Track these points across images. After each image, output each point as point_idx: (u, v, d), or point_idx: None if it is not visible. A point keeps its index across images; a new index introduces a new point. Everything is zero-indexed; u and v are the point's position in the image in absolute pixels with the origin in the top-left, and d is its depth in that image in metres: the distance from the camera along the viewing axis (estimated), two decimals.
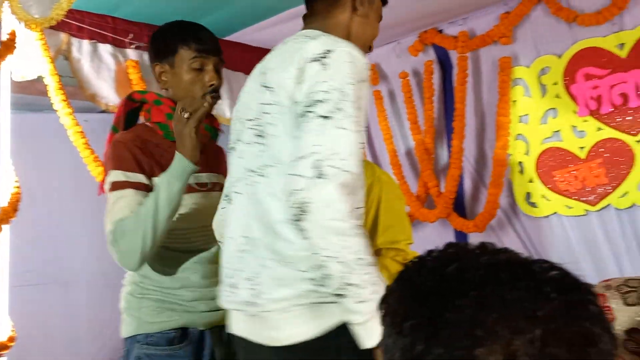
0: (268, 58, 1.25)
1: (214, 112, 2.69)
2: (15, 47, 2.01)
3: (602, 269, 2.42)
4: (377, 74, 3.18)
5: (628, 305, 2.14)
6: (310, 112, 1.08)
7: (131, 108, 1.60)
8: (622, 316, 2.06)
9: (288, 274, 1.11)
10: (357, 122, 1.08)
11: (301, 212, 1.02)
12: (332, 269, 1.02)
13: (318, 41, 1.14)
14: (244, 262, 1.19)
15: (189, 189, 1.50)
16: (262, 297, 1.13)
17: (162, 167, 1.46)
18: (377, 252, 1.65)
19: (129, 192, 1.43)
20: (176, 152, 1.42)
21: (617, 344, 0.47)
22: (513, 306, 0.46)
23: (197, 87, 1.51)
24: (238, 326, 1.24)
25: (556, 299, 0.46)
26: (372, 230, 1.69)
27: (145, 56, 2.59)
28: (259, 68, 1.27)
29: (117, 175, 1.45)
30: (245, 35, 2.84)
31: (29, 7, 1.53)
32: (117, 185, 1.44)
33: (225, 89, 2.87)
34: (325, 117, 1.06)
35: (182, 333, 1.49)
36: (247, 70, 3.07)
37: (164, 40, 1.56)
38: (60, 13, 1.43)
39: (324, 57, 1.11)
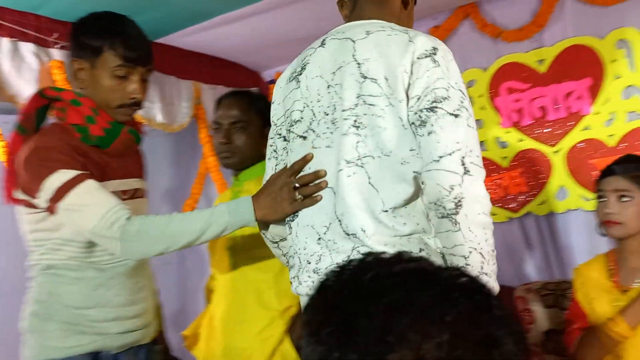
0: (355, 47, 1.21)
1: (143, 116, 2.62)
2: None
3: (523, 273, 2.55)
4: None
5: (547, 307, 2.26)
6: (438, 108, 1.13)
7: (41, 105, 1.43)
8: (541, 318, 2.18)
9: None
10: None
11: (456, 206, 1.09)
12: (474, 259, 1.10)
13: (424, 37, 1.19)
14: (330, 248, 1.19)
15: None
16: None
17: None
18: None
19: (91, 182, 1.30)
20: (251, 198, 1.30)
21: (525, 346, 0.49)
22: (422, 312, 0.47)
23: (117, 95, 1.39)
24: None
25: (463, 304, 0.48)
26: None
27: None
28: (342, 56, 1.22)
29: (64, 174, 1.28)
30: (178, 38, 2.78)
31: None
32: (72, 183, 1.28)
33: (156, 92, 2.80)
34: (455, 115, 1.13)
35: (93, 358, 1.36)
36: (179, 74, 3.02)
37: (89, 36, 1.40)
38: None
39: (434, 54, 1.16)
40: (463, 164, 1.10)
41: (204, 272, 3.26)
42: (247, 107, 1.88)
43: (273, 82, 3.39)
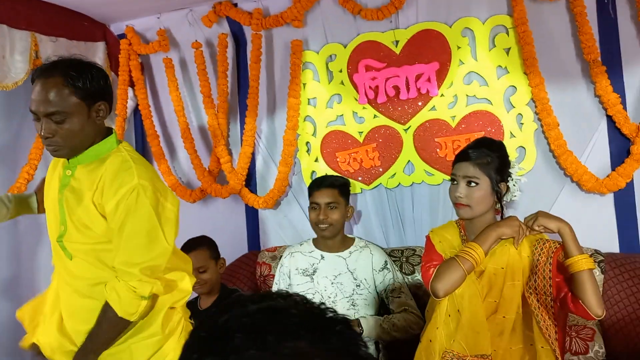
0: None
1: None
2: None
3: (371, 240, 2.73)
4: (168, 40, 3.02)
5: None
6: None
7: None
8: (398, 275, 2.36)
9: None
10: None
11: None
12: None
13: None
14: None
15: None
16: None
17: None
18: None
19: None
20: None
21: None
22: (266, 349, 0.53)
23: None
24: None
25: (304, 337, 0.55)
26: None
27: None
28: None
29: None
30: None
31: None
32: None
33: None
34: None
35: None
36: (12, 23, 2.63)
37: None
38: None
39: None
40: None
41: (39, 236, 3.02)
42: (62, 91, 1.46)
43: (123, 36, 3.13)
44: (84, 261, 1.55)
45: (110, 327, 1.52)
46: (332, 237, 2.35)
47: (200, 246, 2.33)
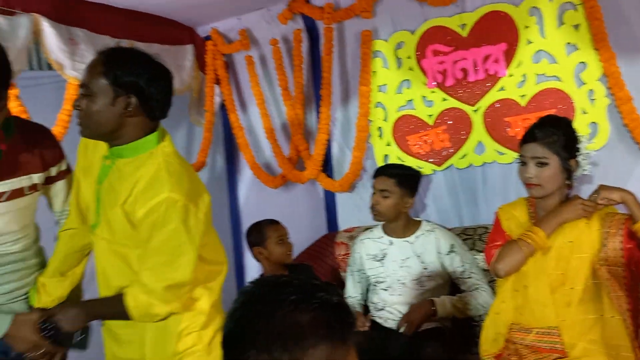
0: None
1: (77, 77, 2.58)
2: None
3: (445, 219, 2.83)
4: (248, 39, 3.27)
5: (470, 249, 2.55)
6: None
7: None
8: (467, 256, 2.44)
9: None
10: None
11: None
12: None
13: None
14: None
15: None
16: None
17: None
18: None
19: None
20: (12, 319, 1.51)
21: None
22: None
23: None
24: None
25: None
26: None
27: (2, 20, 2.42)
28: None
29: None
30: None
31: None
32: None
33: (92, 54, 2.77)
34: None
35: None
36: (114, 33, 2.97)
37: None
38: None
39: None
40: None
41: None
42: (96, 69, 1.46)
43: (208, 38, 3.41)
44: (109, 260, 1.55)
45: (117, 313, 1.50)
46: (390, 223, 2.45)
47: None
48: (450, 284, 2.44)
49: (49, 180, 1.68)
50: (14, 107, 2.40)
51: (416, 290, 2.37)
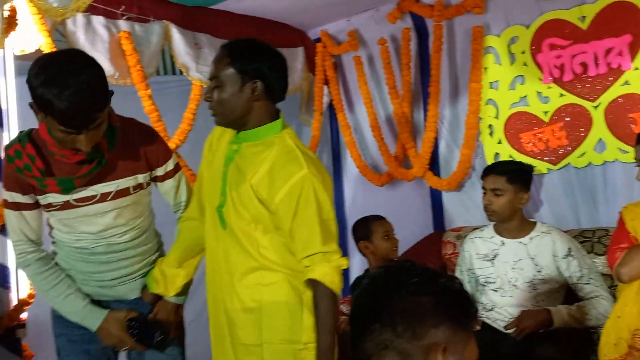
0: None
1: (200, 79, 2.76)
2: (16, 24, 2.10)
3: (561, 221, 2.70)
4: (357, 40, 3.34)
5: (588, 252, 2.43)
6: None
7: None
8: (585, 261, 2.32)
9: None
10: None
11: None
12: None
13: None
14: None
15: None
16: None
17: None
18: None
19: (8, 212, 1.64)
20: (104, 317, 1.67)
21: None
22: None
23: (67, 145, 1.45)
24: None
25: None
26: None
27: (137, 27, 2.69)
28: None
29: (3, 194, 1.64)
30: (233, 4, 2.94)
31: None
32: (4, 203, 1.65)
33: (211, 56, 2.97)
34: None
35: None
36: (230, 37, 3.17)
37: (36, 88, 1.37)
38: (82, 6, 1.51)
39: None
40: None
41: None
42: (223, 60, 1.57)
43: (318, 40, 3.52)
44: (234, 248, 1.60)
45: (333, 313, 1.53)
46: (504, 222, 2.37)
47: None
48: (567, 289, 2.33)
49: (157, 179, 1.77)
50: (147, 106, 2.65)
51: (528, 292, 2.29)
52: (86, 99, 1.37)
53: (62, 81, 1.34)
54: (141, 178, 1.69)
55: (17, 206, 1.59)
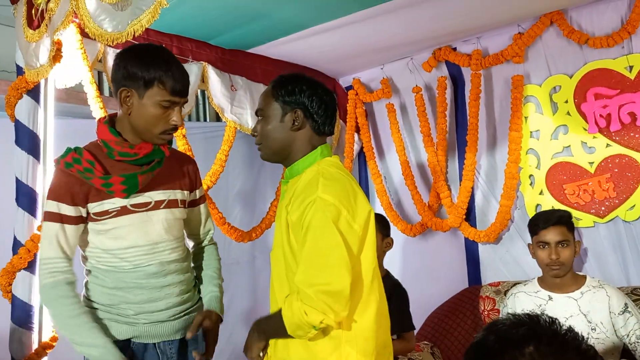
0: None
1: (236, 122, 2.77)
2: (62, 56, 2.07)
3: (608, 278, 2.55)
4: (390, 88, 3.30)
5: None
6: None
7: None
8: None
9: None
10: None
11: None
12: None
13: None
14: None
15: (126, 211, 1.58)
16: None
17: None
18: None
19: (50, 225, 1.57)
20: None
21: None
22: None
23: (160, 123, 1.56)
24: None
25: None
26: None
27: None
28: None
29: (50, 205, 1.57)
30: (268, 49, 2.93)
31: (101, 21, 1.58)
32: (46, 215, 1.57)
33: (247, 99, 2.95)
34: None
35: (125, 345, 1.59)
36: (267, 81, 3.15)
37: (141, 69, 1.53)
38: (139, 29, 1.49)
39: None
40: None
41: None
42: (267, 93, 1.62)
43: (350, 87, 3.50)
44: (278, 274, 1.57)
45: (280, 329, 1.47)
46: (562, 276, 2.25)
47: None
48: (621, 351, 2.16)
49: (193, 203, 1.81)
50: (180, 145, 2.60)
51: None
52: (185, 72, 1.60)
53: (166, 60, 1.56)
54: (185, 194, 1.75)
55: (60, 218, 1.54)
